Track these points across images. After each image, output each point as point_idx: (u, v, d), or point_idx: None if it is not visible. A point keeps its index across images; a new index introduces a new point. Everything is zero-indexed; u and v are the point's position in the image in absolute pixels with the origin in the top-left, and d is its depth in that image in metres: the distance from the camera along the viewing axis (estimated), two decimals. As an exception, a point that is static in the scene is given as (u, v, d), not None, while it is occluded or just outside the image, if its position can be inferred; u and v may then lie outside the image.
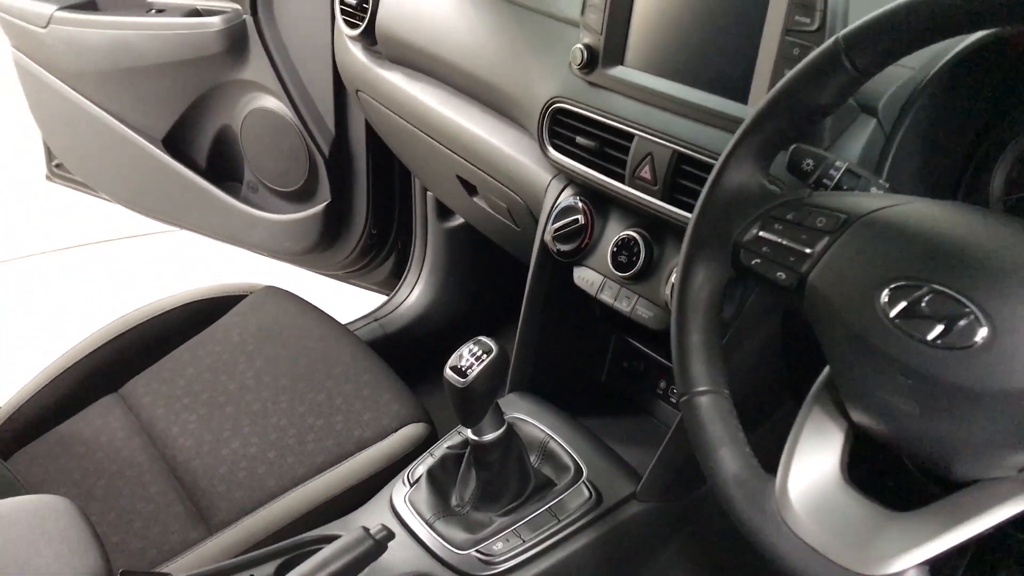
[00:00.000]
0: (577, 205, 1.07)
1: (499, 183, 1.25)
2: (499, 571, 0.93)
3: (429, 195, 1.80)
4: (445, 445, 1.05)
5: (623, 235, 1.02)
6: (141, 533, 1.12)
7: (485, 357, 0.91)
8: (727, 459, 0.68)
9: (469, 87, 1.26)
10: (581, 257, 1.07)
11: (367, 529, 0.85)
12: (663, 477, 0.99)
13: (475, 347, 0.92)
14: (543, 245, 1.11)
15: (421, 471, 1.03)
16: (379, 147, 1.70)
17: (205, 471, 1.18)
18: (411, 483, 1.04)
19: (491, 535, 0.96)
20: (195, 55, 1.77)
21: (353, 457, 1.17)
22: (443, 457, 1.03)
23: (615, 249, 1.03)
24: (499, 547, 0.95)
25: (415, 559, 0.95)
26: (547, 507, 0.98)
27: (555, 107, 1.07)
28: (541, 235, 1.12)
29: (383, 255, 1.94)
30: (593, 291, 1.06)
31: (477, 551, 0.95)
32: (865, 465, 0.69)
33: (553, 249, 1.09)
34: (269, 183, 1.93)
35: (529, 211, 1.21)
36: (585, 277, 1.07)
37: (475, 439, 0.96)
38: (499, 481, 0.98)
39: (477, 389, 0.90)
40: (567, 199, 1.09)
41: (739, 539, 0.67)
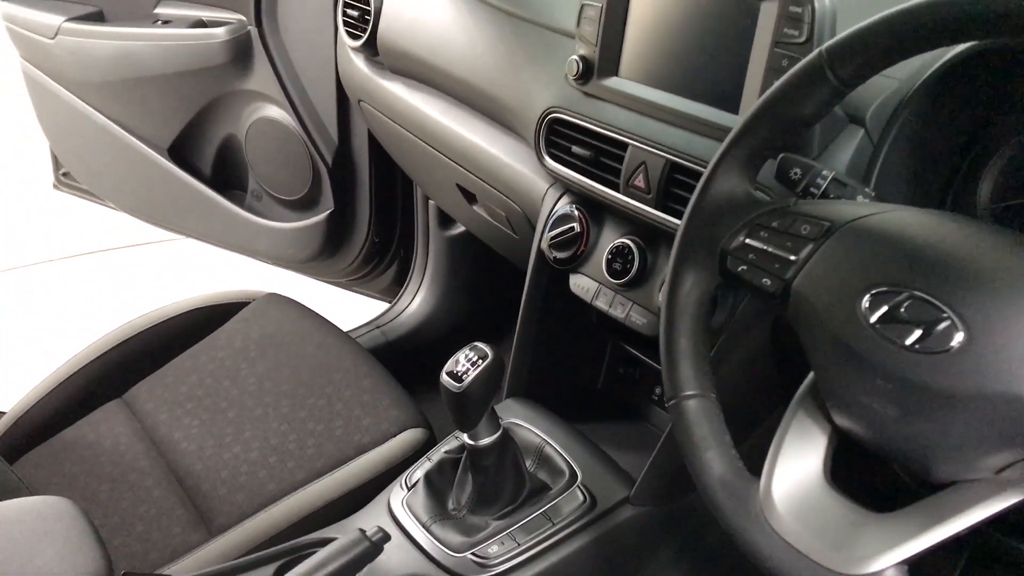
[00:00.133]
0: (573, 213, 1.09)
1: (498, 192, 1.27)
2: (494, 574, 0.95)
3: (431, 204, 1.82)
4: (443, 450, 1.06)
5: (618, 243, 1.04)
6: (143, 536, 1.14)
7: (481, 362, 0.92)
8: (713, 461, 0.69)
9: (468, 97, 1.28)
10: (577, 264, 1.09)
11: (363, 531, 0.86)
12: (656, 481, 1.00)
13: (471, 352, 0.94)
14: (540, 253, 1.13)
15: (419, 475, 1.05)
16: (381, 156, 1.72)
17: (207, 475, 1.20)
18: (409, 487, 1.05)
19: (487, 538, 0.98)
20: (200, 66, 1.79)
21: (352, 461, 1.19)
22: (440, 461, 1.05)
23: (610, 256, 1.04)
24: (494, 550, 0.96)
25: (412, 562, 0.97)
26: (542, 511, 0.99)
27: (551, 117, 1.08)
28: (538, 243, 1.13)
29: (385, 263, 1.96)
30: (588, 298, 1.08)
31: (473, 554, 0.96)
32: (849, 468, 0.70)
33: (549, 256, 1.11)
34: (273, 192, 1.95)
35: (527, 219, 1.23)
36: (581, 284, 1.09)
37: (471, 443, 0.97)
38: (495, 485, 1.00)
39: (472, 394, 0.92)
40: (563, 207, 1.11)
41: (732, 543, 0.68)
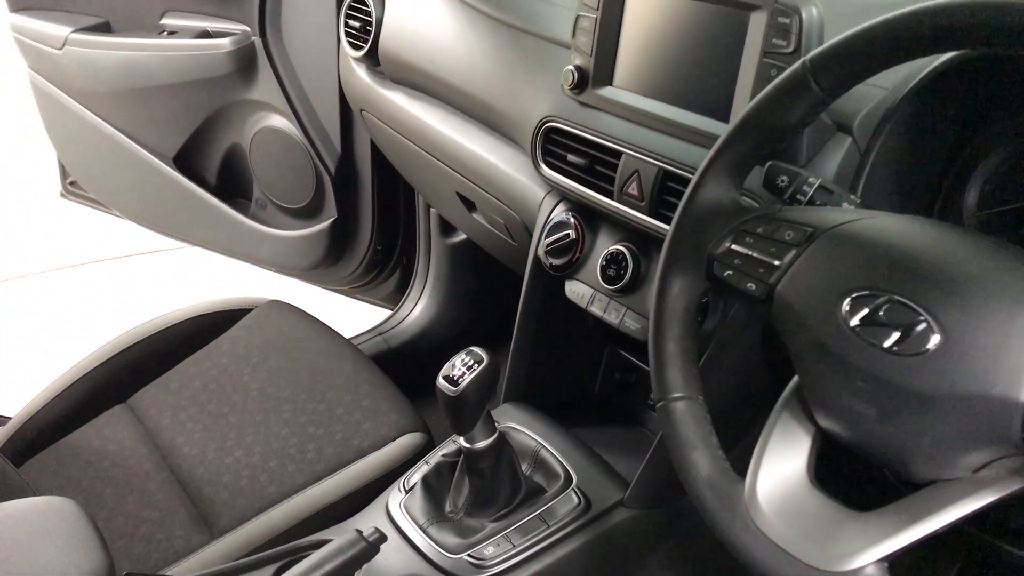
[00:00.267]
0: (569, 220, 1.11)
1: (496, 199, 1.29)
2: (489, 575, 0.96)
3: (432, 212, 1.84)
4: (440, 453, 1.08)
5: (612, 249, 1.05)
6: (146, 538, 1.15)
7: (476, 367, 0.94)
8: (700, 462, 0.71)
9: (467, 106, 1.30)
10: (572, 271, 1.11)
11: (360, 532, 0.88)
12: (650, 485, 1.01)
13: (467, 357, 0.95)
14: (536, 259, 1.15)
15: (416, 478, 1.06)
16: (384, 165, 1.73)
17: (209, 479, 1.22)
18: (407, 490, 1.07)
19: (483, 540, 0.99)
20: (206, 76, 1.82)
21: (351, 465, 1.20)
22: (438, 465, 1.06)
23: (604, 263, 1.06)
24: (490, 551, 0.98)
25: (409, 563, 0.98)
26: (537, 513, 1.01)
27: (547, 126, 1.10)
28: (534, 250, 1.15)
29: (388, 270, 1.98)
30: (584, 304, 1.09)
31: (468, 555, 0.98)
32: (834, 468, 0.72)
33: (546, 263, 1.12)
34: (277, 200, 1.97)
35: (524, 227, 1.24)
36: (576, 290, 1.11)
37: (467, 447, 0.99)
38: (491, 488, 1.01)
39: (468, 398, 0.93)
40: (559, 215, 1.12)
41: (724, 547, 0.70)
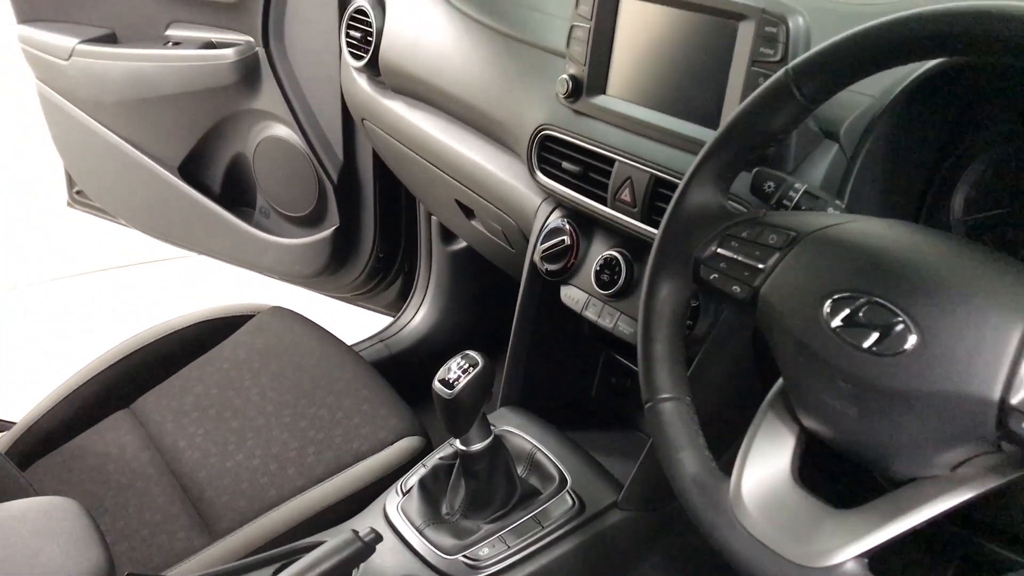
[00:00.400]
0: (564, 227, 1.12)
1: (494, 206, 1.30)
2: (484, 575, 0.98)
3: (433, 219, 1.85)
4: (437, 456, 1.09)
5: (606, 255, 1.07)
6: (148, 540, 1.17)
7: (472, 370, 0.96)
8: (687, 461, 0.72)
9: (465, 115, 1.32)
10: (567, 276, 1.12)
11: (356, 532, 0.89)
12: (644, 486, 1.03)
13: (463, 360, 0.97)
14: (532, 265, 1.16)
15: (413, 481, 1.08)
16: (385, 173, 1.75)
17: (210, 482, 1.23)
18: (404, 492, 1.08)
19: (478, 541, 1.00)
20: (210, 86, 1.84)
21: (350, 468, 1.22)
22: (435, 467, 1.08)
23: (598, 268, 1.08)
24: (485, 552, 0.99)
25: (405, 564, 1.00)
26: (532, 515, 1.02)
27: (543, 134, 1.12)
28: (530, 255, 1.17)
29: (390, 278, 2.00)
30: (578, 308, 1.11)
31: (464, 556, 0.99)
32: (819, 467, 0.73)
33: (541, 269, 1.14)
34: (280, 208, 1.99)
35: (521, 233, 1.26)
36: (571, 295, 1.12)
37: (463, 449, 1.00)
38: (487, 490, 1.03)
39: (463, 400, 0.95)
40: (555, 221, 1.14)
41: (710, 544, 0.71)
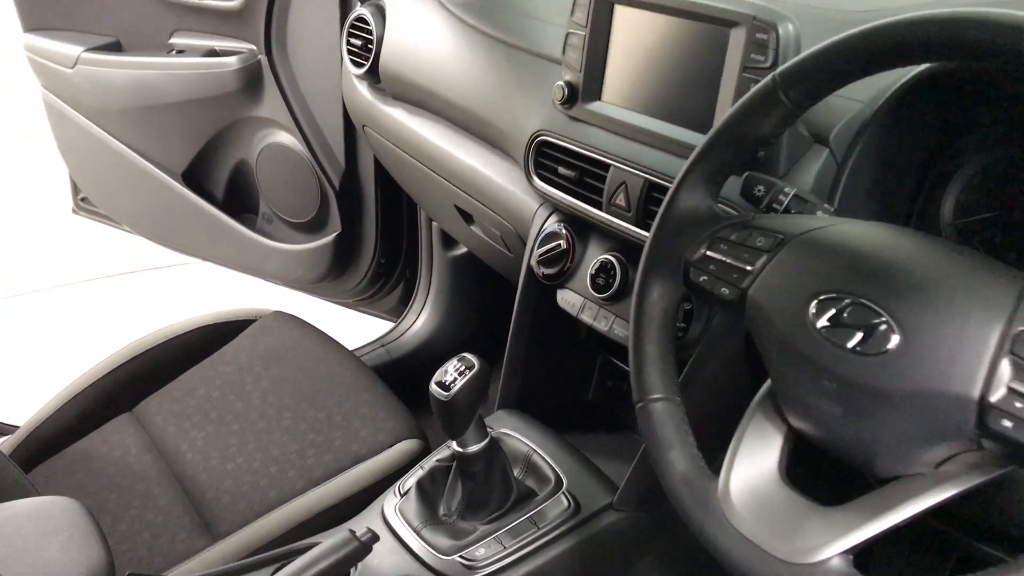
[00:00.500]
0: (560, 231, 1.13)
1: (492, 212, 1.32)
2: (480, 575, 0.99)
3: (434, 225, 1.87)
4: (435, 458, 1.11)
5: (601, 258, 1.08)
6: (150, 542, 1.18)
7: (468, 372, 0.97)
8: (676, 460, 0.73)
9: (464, 121, 1.34)
10: (564, 280, 1.14)
11: (353, 531, 0.90)
12: (638, 488, 1.04)
13: (459, 363, 0.98)
14: (529, 269, 1.18)
15: (411, 482, 1.09)
16: (387, 179, 1.77)
17: (211, 484, 1.25)
18: (402, 494, 1.09)
19: (474, 542, 1.02)
20: (213, 93, 1.86)
21: (349, 470, 1.23)
22: (432, 469, 1.09)
23: (594, 272, 1.09)
24: (481, 553, 1.00)
25: (402, 564, 1.01)
26: (528, 515, 1.03)
27: (540, 140, 1.13)
28: (527, 260, 1.18)
29: (392, 283, 2.01)
30: (574, 312, 1.12)
31: (460, 556, 1.00)
32: (808, 466, 0.74)
33: (538, 273, 1.15)
34: (283, 215, 2.01)
35: (519, 238, 1.27)
36: (567, 299, 1.14)
37: (459, 450, 1.02)
38: (483, 491, 1.04)
39: (460, 402, 0.96)
40: (551, 226, 1.15)
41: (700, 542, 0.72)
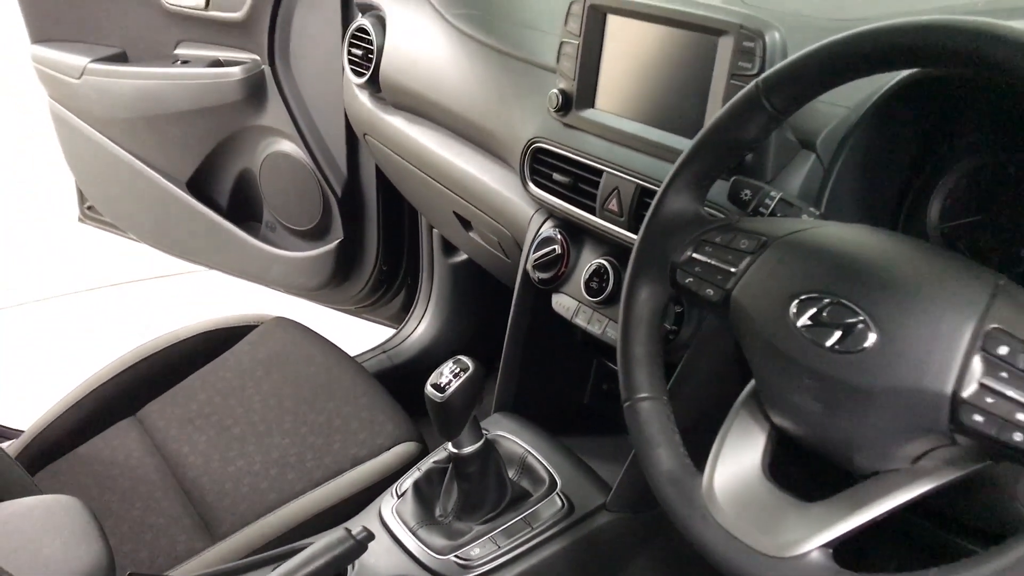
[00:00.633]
0: (555, 236, 1.15)
1: (489, 218, 1.34)
2: (475, 575, 1.00)
3: (435, 232, 1.89)
4: (432, 460, 1.12)
5: (595, 263, 1.10)
6: (151, 543, 1.20)
7: (462, 374, 0.99)
8: (662, 458, 0.75)
9: (462, 129, 1.36)
10: (559, 284, 1.15)
11: (348, 530, 0.92)
12: (631, 489, 1.05)
13: (454, 365, 1.00)
14: (525, 274, 1.19)
15: (408, 484, 1.11)
16: (388, 187, 1.79)
17: (212, 486, 1.27)
18: (399, 495, 1.11)
19: (469, 541, 1.03)
20: (217, 103, 1.89)
21: (348, 472, 1.25)
22: (429, 471, 1.11)
23: (588, 276, 1.10)
24: (476, 552, 1.02)
25: (398, 563, 1.03)
26: (522, 516, 1.05)
27: (535, 146, 1.15)
28: (523, 264, 1.20)
29: (393, 290, 2.03)
30: (569, 316, 1.14)
31: (456, 556, 1.02)
32: (791, 463, 0.76)
33: (534, 277, 1.17)
34: (286, 222, 2.03)
35: (516, 243, 1.29)
36: (562, 303, 1.15)
37: (455, 451, 1.03)
38: (478, 492, 1.06)
39: (454, 403, 0.98)
40: (547, 231, 1.17)
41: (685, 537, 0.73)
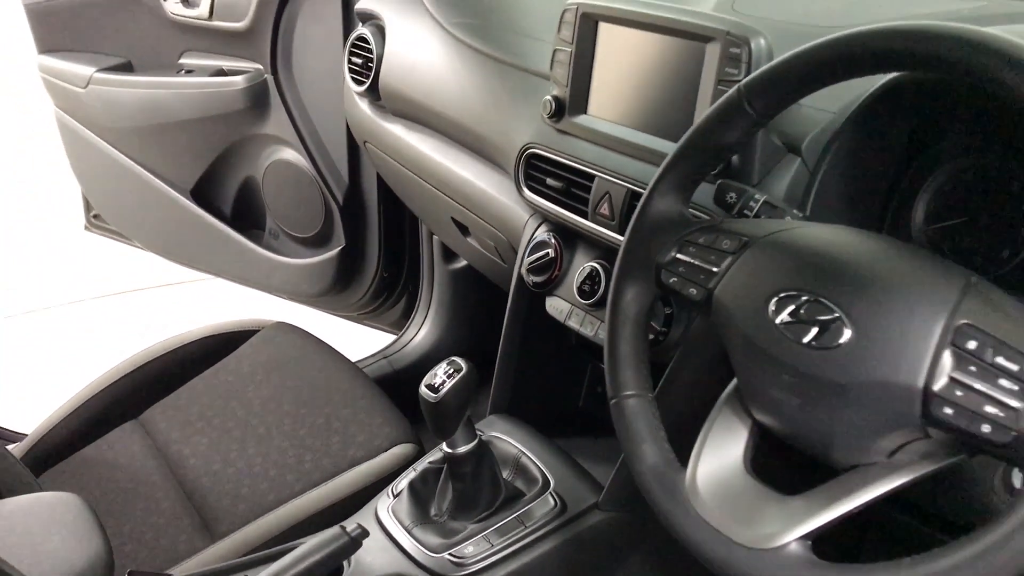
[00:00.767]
0: (549, 240, 1.17)
1: (486, 223, 1.36)
2: (469, 572, 1.02)
3: (435, 238, 1.91)
4: (427, 460, 1.14)
5: (587, 266, 1.12)
6: (152, 543, 1.22)
7: (456, 375, 1.00)
8: (647, 453, 0.76)
9: (459, 136, 1.38)
10: (552, 287, 1.17)
11: (343, 527, 0.94)
12: (623, 488, 1.07)
13: (448, 366, 1.02)
14: (520, 277, 1.21)
15: (404, 484, 1.13)
16: (389, 195, 1.81)
17: (212, 487, 1.29)
18: (394, 495, 1.13)
19: (463, 540, 1.05)
20: (221, 112, 1.92)
21: (345, 473, 1.27)
22: (424, 471, 1.12)
23: (580, 279, 1.12)
24: (470, 551, 1.03)
25: (393, 562, 1.04)
26: (515, 515, 1.06)
27: (529, 152, 1.17)
28: (518, 268, 1.22)
29: (395, 297, 2.05)
30: (562, 318, 1.15)
31: (450, 554, 1.03)
32: (775, 458, 0.77)
33: (528, 281, 1.19)
34: (288, 229, 2.05)
35: (512, 248, 1.31)
36: (556, 306, 1.17)
37: (449, 452, 1.05)
38: (473, 492, 1.07)
39: (448, 404, 1.00)
40: (541, 235, 1.19)
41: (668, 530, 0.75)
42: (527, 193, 1.19)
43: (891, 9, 1.08)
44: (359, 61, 1.56)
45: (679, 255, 0.79)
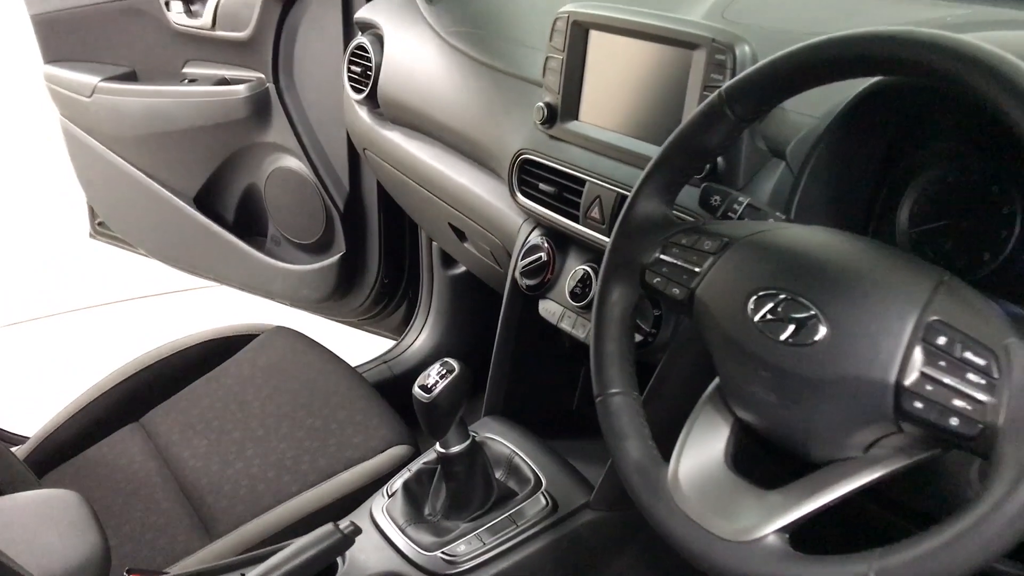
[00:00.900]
0: (542, 244, 1.19)
1: (481, 228, 1.38)
2: (461, 570, 1.03)
3: (434, 245, 1.93)
4: (422, 461, 1.16)
5: (578, 269, 1.14)
6: (151, 543, 1.24)
7: (449, 375, 1.02)
8: (631, 449, 0.78)
9: (456, 142, 1.40)
10: (545, 290, 1.19)
11: (336, 524, 0.95)
12: (614, 488, 1.08)
13: (441, 367, 1.04)
14: (513, 281, 1.23)
15: (398, 484, 1.14)
16: (390, 201, 1.83)
17: (211, 488, 1.30)
18: (389, 495, 1.14)
19: (456, 539, 1.06)
20: (223, 120, 1.94)
21: (342, 474, 1.29)
22: (418, 471, 1.14)
23: (572, 282, 1.14)
24: (462, 549, 1.05)
25: (387, 560, 1.06)
26: (507, 514, 1.08)
27: (522, 158, 1.19)
28: (512, 272, 1.24)
29: (395, 303, 2.07)
30: (554, 321, 1.17)
31: (443, 553, 1.05)
32: (756, 454, 0.79)
33: (521, 284, 1.21)
34: (290, 236, 2.08)
35: (507, 252, 1.33)
36: (548, 308, 1.19)
37: (442, 451, 1.07)
38: (466, 491, 1.09)
39: (441, 404, 1.01)
40: (534, 239, 1.21)
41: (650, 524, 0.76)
42: (520, 198, 1.21)
43: (880, 16, 1.09)
44: (358, 69, 1.58)
45: (663, 256, 0.80)
